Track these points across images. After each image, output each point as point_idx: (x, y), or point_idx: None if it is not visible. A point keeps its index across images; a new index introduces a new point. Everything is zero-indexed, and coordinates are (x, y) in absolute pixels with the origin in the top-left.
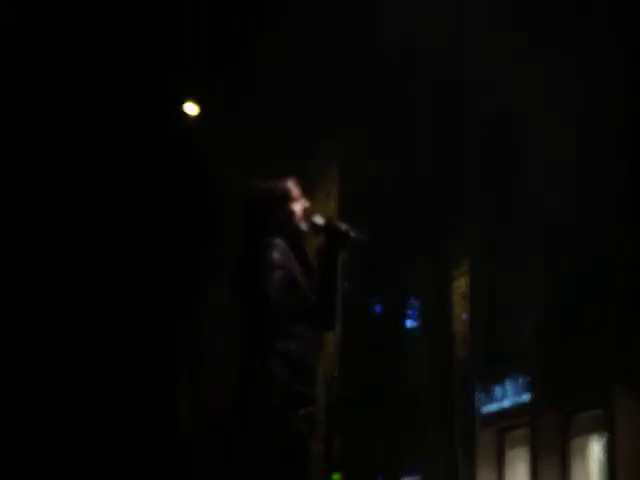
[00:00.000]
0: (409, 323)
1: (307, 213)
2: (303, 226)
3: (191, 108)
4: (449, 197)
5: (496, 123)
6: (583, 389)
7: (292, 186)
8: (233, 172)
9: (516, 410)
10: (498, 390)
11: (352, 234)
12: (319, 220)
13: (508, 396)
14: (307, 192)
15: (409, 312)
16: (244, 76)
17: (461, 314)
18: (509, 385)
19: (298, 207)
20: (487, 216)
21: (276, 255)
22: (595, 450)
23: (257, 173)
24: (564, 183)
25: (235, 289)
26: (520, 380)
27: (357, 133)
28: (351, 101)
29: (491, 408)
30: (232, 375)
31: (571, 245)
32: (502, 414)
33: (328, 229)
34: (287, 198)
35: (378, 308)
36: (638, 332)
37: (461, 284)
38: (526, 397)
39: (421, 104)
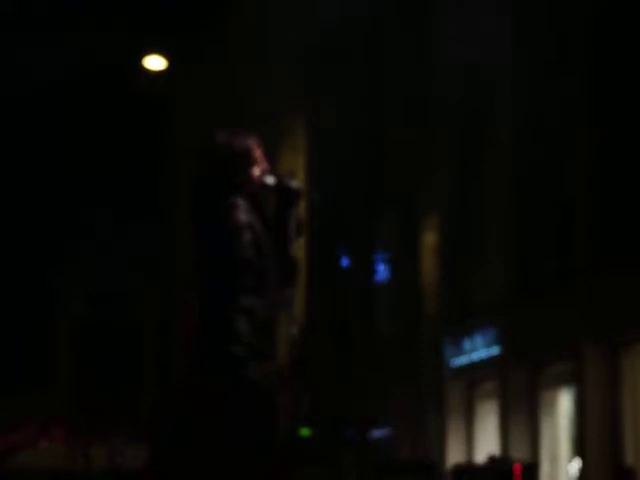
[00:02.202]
0: (378, 276)
1: (262, 173)
2: (261, 186)
3: (156, 61)
4: (418, 149)
5: (463, 76)
6: (552, 342)
7: (254, 146)
8: (199, 122)
9: (485, 363)
10: (467, 343)
11: (302, 192)
12: (270, 180)
13: (477, 349)
14: (274, 146)
15: (378, 266)
16: (212, 28)
17: (431, 268)
18: (478, 338)
19: (257, 169)
20: (455, 169)
21: (242, 216)
22: (564, 403)
23: (221, 126)
24: (531, 136)
25: (199, 248)
26: (490, 333)
27: (324, 88)
28: (318, 57)
29: (461, 361)
30: (196, 334)
31: (540, 199)
32: (471, 367)
33: (278, 188)
34: (248, 159)
35: (346, 261)
36: (605, 286)
37: (430, 237)
38: (495, 350)
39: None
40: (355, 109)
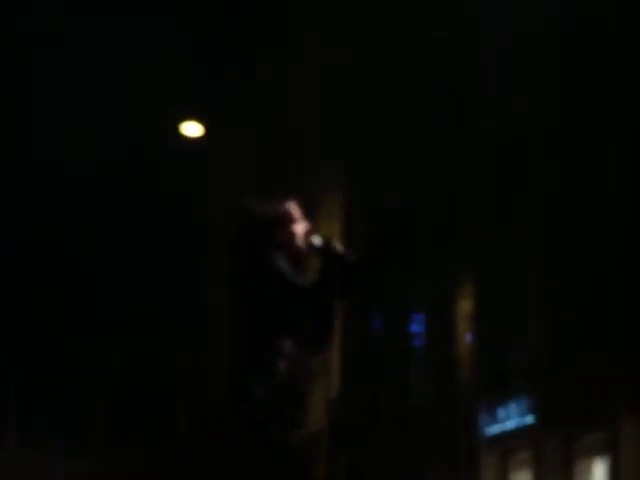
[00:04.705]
0: (413, 343)
1: (306, 234)
2: (303, 248)
3: (191, 127)
4: (452, 216)
5: (497, 138)
6: (587, 411)
7: (293, 208)
8: (234, 189)
9: (520, 432)
10: (502, 412)
11: (349, 257)
12: (316, 241)
13: (512, 418)
14: (309, 212)
15: (413, 333)
16: (245, 94)
17: (465, 335)
18: (513, 407)
19: (299, 229)
20: (489, 238)
21: (284, 273)
22: (599, 472)
23: (257, 191)
24: (562, 203)
25: (233, 306)
26: (524, 402)
27: (359, 152)
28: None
29: (495, 430)
30: (222, 391)
31: (574, 267)
32: (506, 436)
33: (325, 251)
34: (287, 220)
35: (380, 328)
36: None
37: (465, 305)
38: (530, 419)
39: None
40: (389, 175)
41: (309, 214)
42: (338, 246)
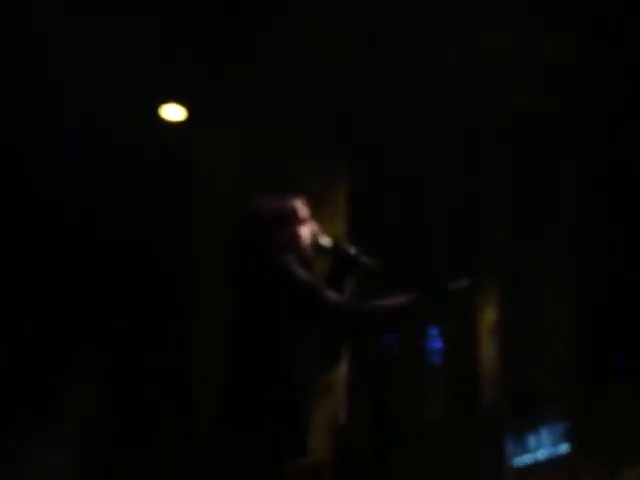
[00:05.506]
0: (430, 359)
1: (314, 235)
2: (310, 249)
3: (176, 112)
4: (476, 219)
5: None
6: (631, 437)
7: (300, 206)
8: (229, 186)
9: (553, 463)
10: (532, 439)
11: (361, 258)
12: (326, 242)
13: (544, 446)
14: (312, 211)
15: (430, 346)
16: (241, 80)
17: (489, 350)
18: (545, 433)
19: (305, 229)
20: (516, 244)
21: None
22: None
23: (256, 189)
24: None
25: (234, 320)
26: (558, 427)
27: (368, 146)
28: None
29: (524, 460)
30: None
31: (605, 272)
32: (537, 467)
33: (335, 252)
34: (294, 219)
35: (394, 341)
36: None
37: (489, 317)
38: (565, 447)
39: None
40: (400, 172)
41: (314, 213)
42: (349, 247)
